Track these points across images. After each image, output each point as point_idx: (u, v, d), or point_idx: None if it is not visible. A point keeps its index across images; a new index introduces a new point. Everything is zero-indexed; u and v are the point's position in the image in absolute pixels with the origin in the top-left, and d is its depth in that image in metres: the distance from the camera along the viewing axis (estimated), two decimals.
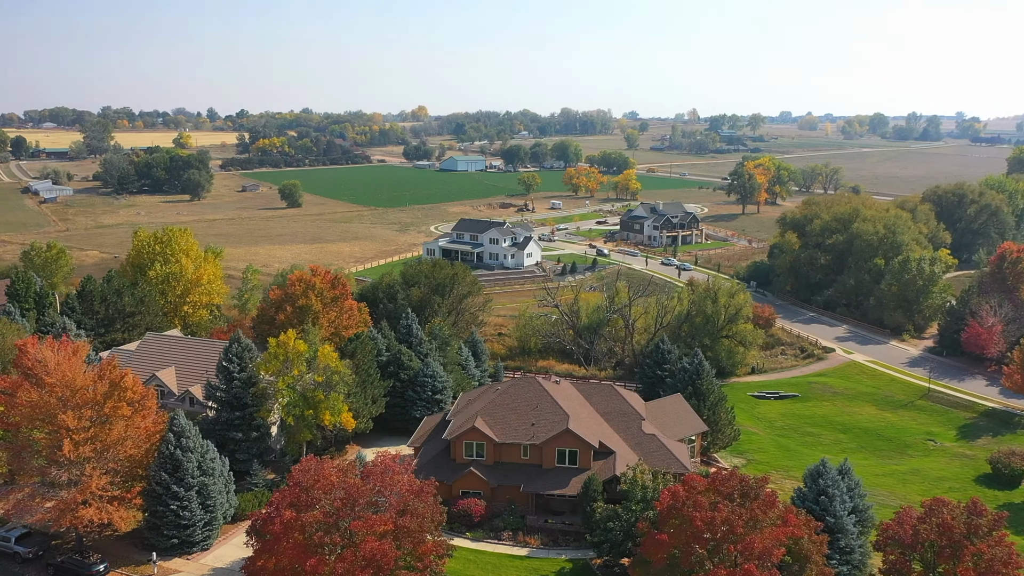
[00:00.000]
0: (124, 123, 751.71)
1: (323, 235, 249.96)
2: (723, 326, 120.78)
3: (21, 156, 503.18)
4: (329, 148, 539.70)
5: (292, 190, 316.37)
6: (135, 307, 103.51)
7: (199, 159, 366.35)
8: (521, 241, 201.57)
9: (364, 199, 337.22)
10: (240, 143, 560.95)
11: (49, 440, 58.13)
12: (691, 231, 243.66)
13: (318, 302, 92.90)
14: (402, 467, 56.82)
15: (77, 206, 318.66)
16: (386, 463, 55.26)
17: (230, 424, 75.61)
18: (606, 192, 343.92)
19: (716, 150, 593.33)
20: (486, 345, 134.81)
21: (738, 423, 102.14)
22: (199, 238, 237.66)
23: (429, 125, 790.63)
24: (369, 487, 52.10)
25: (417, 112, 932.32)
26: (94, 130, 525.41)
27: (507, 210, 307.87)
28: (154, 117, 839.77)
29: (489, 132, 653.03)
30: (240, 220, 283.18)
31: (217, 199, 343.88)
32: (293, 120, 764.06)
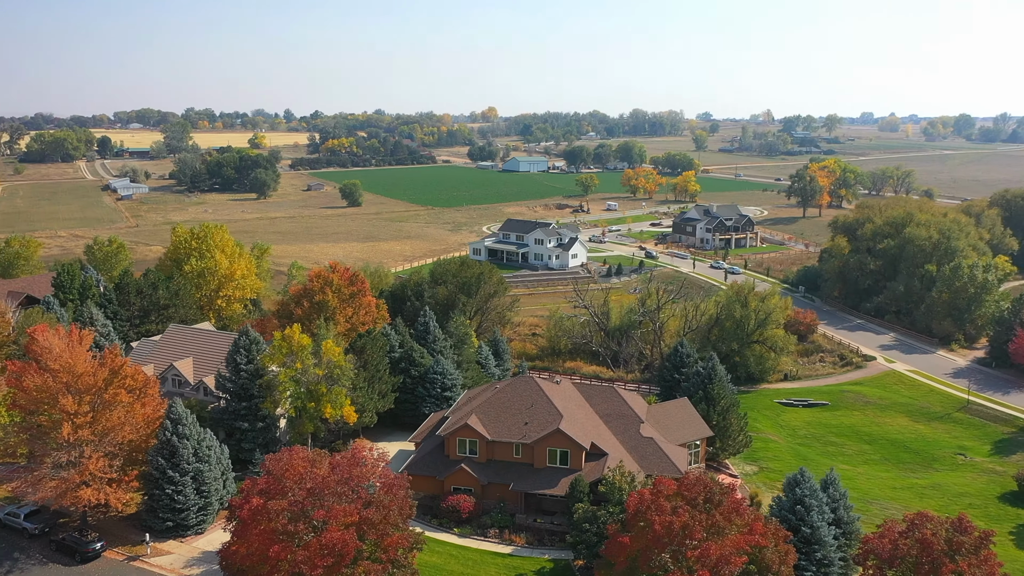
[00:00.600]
0: (204, 124, 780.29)
1: (377, 234, 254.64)
2: (753, 331, 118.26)
3: (106, 155, 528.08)
4: (396, 148, 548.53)
5: (352, 189, 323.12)
6: (169, 300, 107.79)
7: (267, 159, 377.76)
8: (566, 242, 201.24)
9: (423, 199, 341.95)
10: (311, 143, 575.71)
11: (51, 423, 61.30)
12: (745, 234, 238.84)
13: (335, 298, 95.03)
14: (375, 460, 57.82)
15: (151, 203, 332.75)
16: (356, 456, 56.39)
17: (237, 414, 78.20)
18: (665, 194, 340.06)
19: (787, 152, 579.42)
20: (519, 345, 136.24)
21: (758, 430, 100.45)
22: (259, 235, 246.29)
23: (497, 126, 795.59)
24: (335, 478, 53.28)
25: (487, 113, 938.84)
26: (174, 131, 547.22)
27: (563, 211, 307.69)
28: (233, 118, 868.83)
29: (555, 133, 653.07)
30: (300, 218, 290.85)
31: (282, 197, 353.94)
32: (364, 121, 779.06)
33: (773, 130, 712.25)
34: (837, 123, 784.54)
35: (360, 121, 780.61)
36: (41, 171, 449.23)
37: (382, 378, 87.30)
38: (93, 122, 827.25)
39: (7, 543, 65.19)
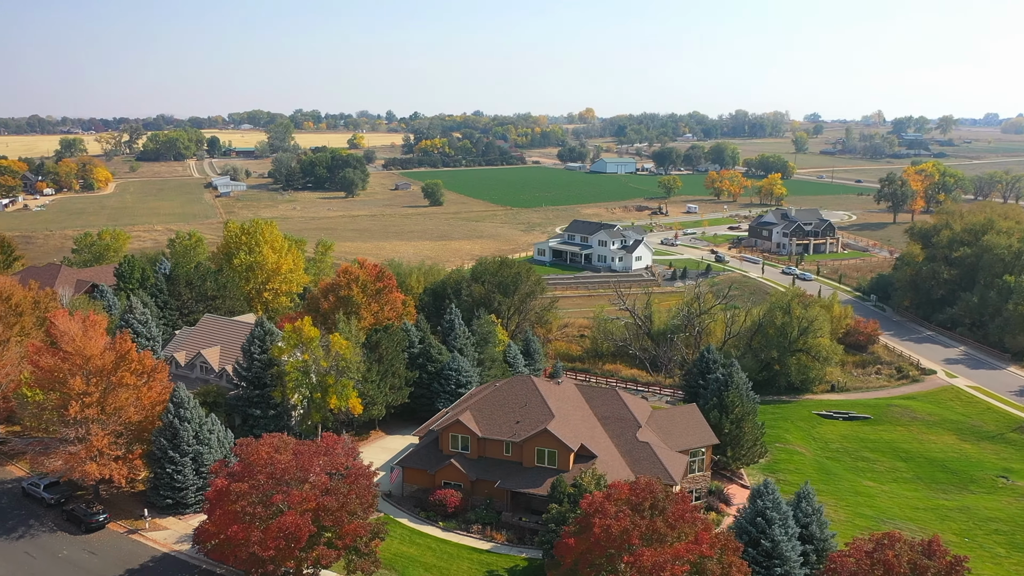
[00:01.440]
0: (309, 125, 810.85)
1: (450, 232, 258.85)
2: (795, 339, 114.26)
3: (214, 154, 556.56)
4: (488, 149, 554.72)
5: (434, 189, 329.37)
6: (217, 291, 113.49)
7: (356, 159, 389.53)
8: (631, 244, 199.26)
9: (504, 199, 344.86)
10: (405, 144, 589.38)
11: (61, 401, 66.09)
12: (825, 240, 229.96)
13: (360, 293, 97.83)
14: (345, 450, 59.64)
15: (246, 200, 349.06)
16: (320, 445, 58.33)
17: (250, 401, 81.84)
18: (749, 197, 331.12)
19: (893, 155, 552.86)
20: (564, 345, 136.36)
21: (786, 441, 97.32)
22: (338, 232, 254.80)
23: (592, 127, 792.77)
24: (295, 465, 55.35)
25: (584, 114, 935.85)
26: (276, 131, 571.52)
27: (642, 213, 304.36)
28: (337, 120, 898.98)
29: (649, 135, 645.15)
30: (382, 216, 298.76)
31: (370, 196, 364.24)
32: (462, 122, 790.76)
33: (882, 132, 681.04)
34: (953, 124, 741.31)
35: (457, 122, 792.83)
36: (154, 169, 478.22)
37: (396, 372, 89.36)
38: (208, 123, 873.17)
39: (27, 510, 70.67)
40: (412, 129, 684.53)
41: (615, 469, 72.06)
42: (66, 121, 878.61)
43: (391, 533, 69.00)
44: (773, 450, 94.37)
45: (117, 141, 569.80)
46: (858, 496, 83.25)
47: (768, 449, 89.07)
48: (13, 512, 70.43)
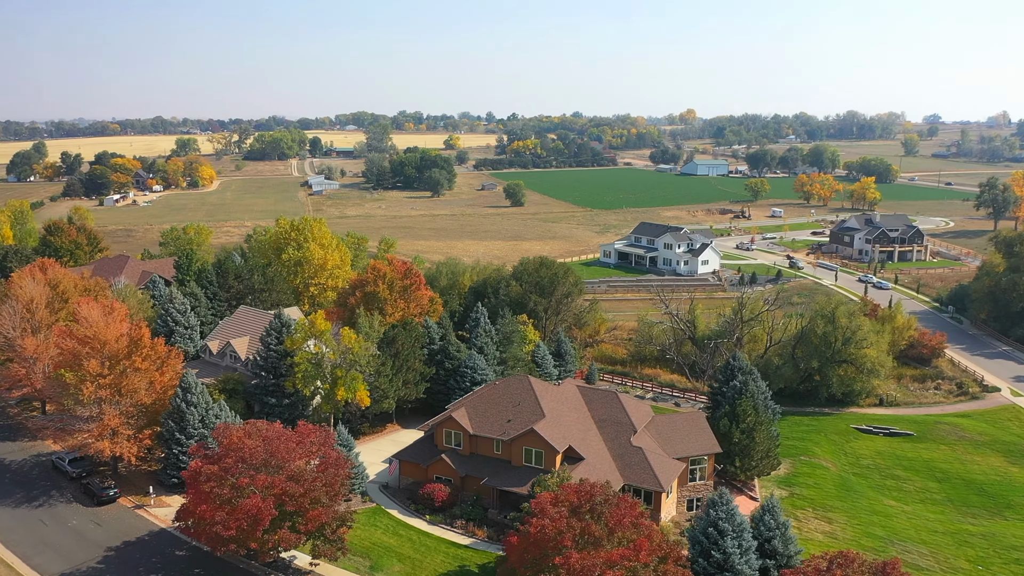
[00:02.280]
0: (410, 126, 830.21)
1: (524, 233, 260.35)
2: (839, 349, 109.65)
3: (316, 154, 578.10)
4: (580, 150, 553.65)
5: (516, 189, 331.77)
6: (263, 284, 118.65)
7: (444, 159, 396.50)
8: (697, 247, 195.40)
9: (586, 200, 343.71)
10: (499, 144, 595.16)
11: (78, 381, 71.18)
12: (911, 247, 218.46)
13: (386, 290, 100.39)
14: (320, 440, 61.78)
15: (336, 199, 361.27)
16: (290, 433, 60.63)
17: (266, 389, 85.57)
18: (841, 201, 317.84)
19: (1012, 158, 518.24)
20: (610, 348, 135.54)
21: (813, 454, 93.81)
22: (415, 230, 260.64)
23: (690, 129, 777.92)
24: (262, 450, 57.84)
25: (685, 115, 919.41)
26: (375, 132, 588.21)
27: (724, 216, 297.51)
28: (437, 121, 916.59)
29: (748, 137, 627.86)
30: (461, 216, 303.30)
31: (455, 196, 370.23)
32: (558, 123, 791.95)
33: (1004, 134, 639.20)
34: None
35: (554, 123, 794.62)
36: (257, 168, 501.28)
37: (411, 368, 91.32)
38: (316, 124, 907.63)
39: (53, 482, 76.43)
40: (508, 130, 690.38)
41: (603, 472, 71.54)
42: (186, 122, 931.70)
43: (376, 523, 71.31)
44: (796, 463, 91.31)
45: (228, 141, 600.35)
46: (874, 515, 79.42)
47: (781, 461, 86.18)
48: (40, 482, 76.30)
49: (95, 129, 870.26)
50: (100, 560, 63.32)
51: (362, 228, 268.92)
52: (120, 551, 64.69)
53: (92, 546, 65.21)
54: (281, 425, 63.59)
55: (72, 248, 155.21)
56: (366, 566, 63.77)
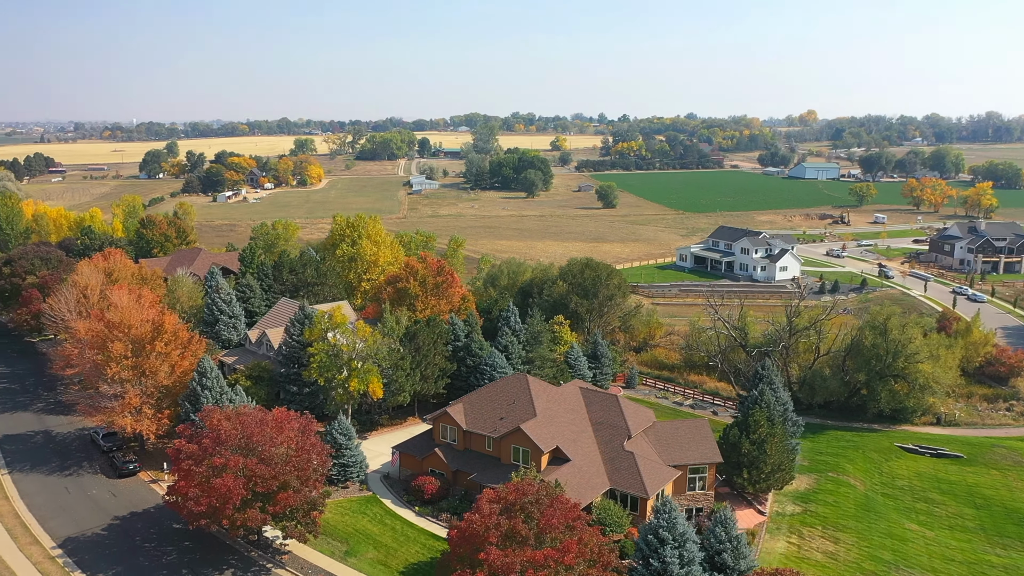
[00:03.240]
0: (520, 127, 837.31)
1: (607, 235, 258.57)
2: (889, 364, 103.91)
3: (424, 155, 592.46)
4: (686, 152, 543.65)
5: (607, 191, 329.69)
6: (316, 279, 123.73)
7: (541, 160, 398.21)
8: (775, 253, 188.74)
9: (680, 203, 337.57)
10: (604, 146, 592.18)
11: (104, 362, 77.01)
12: (1020, 257, 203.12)
13: (417, 286, 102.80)
14: (300, 427, 64.49)
15: (433, 198, 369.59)
16: (267, 418, 63.53)
17: (288, 378, 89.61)
18: (954, 207, 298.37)
19: None
20: (663, 352, 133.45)
21: (843, 471, 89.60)
22: (500, 230, 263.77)
23: (808, 131, 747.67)
24: (236, 433, 60.99)
25: (805, 117, 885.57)
26: (481, 133, 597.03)
27: (822, 222, 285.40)
28: (548, 122, 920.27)
29: (869, 139, 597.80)
30: (548, 217, 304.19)
31: (550, 197, 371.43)
32: (669, 124, 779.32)
33: None
34: None
35: (665, 125, 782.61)
36: (367, 167, 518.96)
37: (431, 363, 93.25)
38: (430, 125, 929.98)
39: (86, 454, 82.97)
40: (614, 131, 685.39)
41: (590, 475, 71.20)
42: (309, 123, 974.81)
43: (366, 511, 73.51)
44: (822, 479, 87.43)
45: (342, 142, 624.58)
46: (888, 538, 75.10)
47: (795, 475, 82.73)
48: (76, 454, 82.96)
49: (226, 130, 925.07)
50: (105, 528, 68.41)
51: (450, 227, 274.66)
52: (125, 521, 69.64)
53: (102, 514, 70.52)
54: (292, 412, 66.86)
55: (162, 240, 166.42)
56: (342, 551, 66.02)
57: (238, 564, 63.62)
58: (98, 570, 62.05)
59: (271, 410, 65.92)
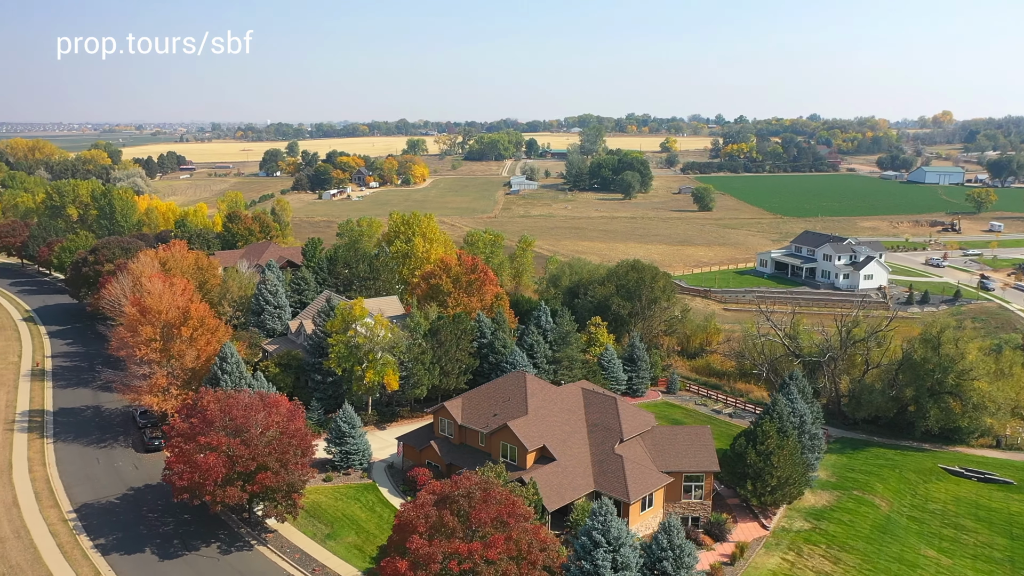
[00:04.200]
0: (632, 128, 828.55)
1: (693, 238, 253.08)
2: (940, 380, 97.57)
3: (531, 155, 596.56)
4: (800, 154, 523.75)
5: (703, 194, 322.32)
6: (369, 273, 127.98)
7: (640, 161, 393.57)
8: (860, 260, 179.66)
9: (781, 207, 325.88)
10: (713, 147, 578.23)
11: (135, 343, 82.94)
12: None
13: (450, 283, 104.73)
14: (285, 411, 67.51)
15: (529, 198, 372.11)
16: (265, 402, 66.80)
17: (312, 367, 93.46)
18: None
19: None
20: (717, 360, 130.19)
21: (870, 490, 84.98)
22: (586, 231, 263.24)
23: (939, 132, 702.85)
24: (220, 414, 64.54)
25: (939, 118, 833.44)
26: (589, 134, 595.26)
27: (932, 228, 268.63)
28: (662, 123, 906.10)
29: (1004, 142, 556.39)
30: (638, 219, 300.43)
31: (646, 199, 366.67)
32: (789, 126, 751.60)
33: None
34: None
35: (784, 126, 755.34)
36: (472, 168, 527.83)
37: (452, 359, 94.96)
38: (543, 127, 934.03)
39: (125, 429, 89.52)
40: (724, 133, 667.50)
41: (575, 475, 70.94)
42: (426, 124, 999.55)
43: (360, 498, 75.94)
44: (844, 496, 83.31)
45: (452, 142, 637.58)
46: (896, 563, 70.79)
47: (804, 491, 79.27)
48: (115, 429, 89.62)
49: (348, 131, 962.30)
50: (119, 497, 73.84)
51: (537, 227, 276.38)
52: (138, 492, 74.87)
53: (120, 485, 76.10)
54: (282, 398, 70.34)
55: (245, 234, 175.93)
56: (324, 533, 68.60)
57: (225, 538, 67.29)
58: (100, 535, 67.15)
59: (294, 397, 69.39)
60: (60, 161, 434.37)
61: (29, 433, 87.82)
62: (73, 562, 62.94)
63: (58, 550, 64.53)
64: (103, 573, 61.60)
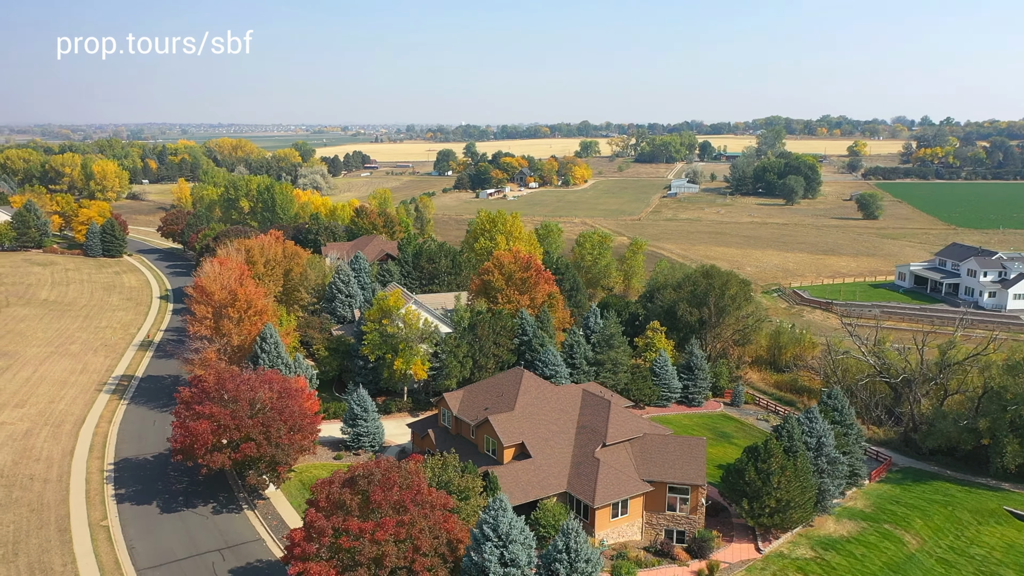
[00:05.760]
0: (822, 131, 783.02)
1: (841, 247, 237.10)
2: (1019, 412, 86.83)
3: (704, 158, 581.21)
4: (1005, 160, 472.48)
5: (868, 201, 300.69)
6: (450, 268, 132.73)
7: (808, 165, 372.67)
8: (1011, 278, 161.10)
9: (960, 218, 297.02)
10: (905, 152, 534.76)
11: (193, 321, 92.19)
12: None
13: (502, 280, 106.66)
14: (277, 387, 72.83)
15: (685, 202, 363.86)
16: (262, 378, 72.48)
17: (355, 352, 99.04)
18: None
19: None
20: (807, 376, 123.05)
21: (904, 525, 77.33)
22: (726, 236, 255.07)
23: None
24: (215, 387, 70.79)
25: None
26: (767, 136, 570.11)
27: None
28: (856, 125, 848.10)
29: None
30: (789, 226, 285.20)
31: (811, 205, 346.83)
32: (1004, 128, 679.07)
33: None
34: None
35: (998, 128, 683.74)
36: (640, 170, 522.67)
37: (487, 353, 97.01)
38: (728, 129, 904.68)
39: None
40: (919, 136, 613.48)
41: (550, 474, 70.91)
42: (608, 126, 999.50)
43: None
44: (871, 528, 76.77)
45: (625, 144, 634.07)
46: None
47: (806, 519, 73.67)
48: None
49: (530, 132, 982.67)
50: (154, 456, 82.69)
51: (678, 230, 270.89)
52: (167, 453, 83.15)
53: (160, 444, 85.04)
54: (278, 375, 76.05)
55: (369, 228, 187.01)
56: None
57: (223, 500, 73.71)
58: (123, 486, 75.88)
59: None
60: (258, 159, 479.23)
61: (112, 395, 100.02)
62: (91, 506, 71.76)
63: (84, 494, 73.73)
64: (109, 517, 69.82)
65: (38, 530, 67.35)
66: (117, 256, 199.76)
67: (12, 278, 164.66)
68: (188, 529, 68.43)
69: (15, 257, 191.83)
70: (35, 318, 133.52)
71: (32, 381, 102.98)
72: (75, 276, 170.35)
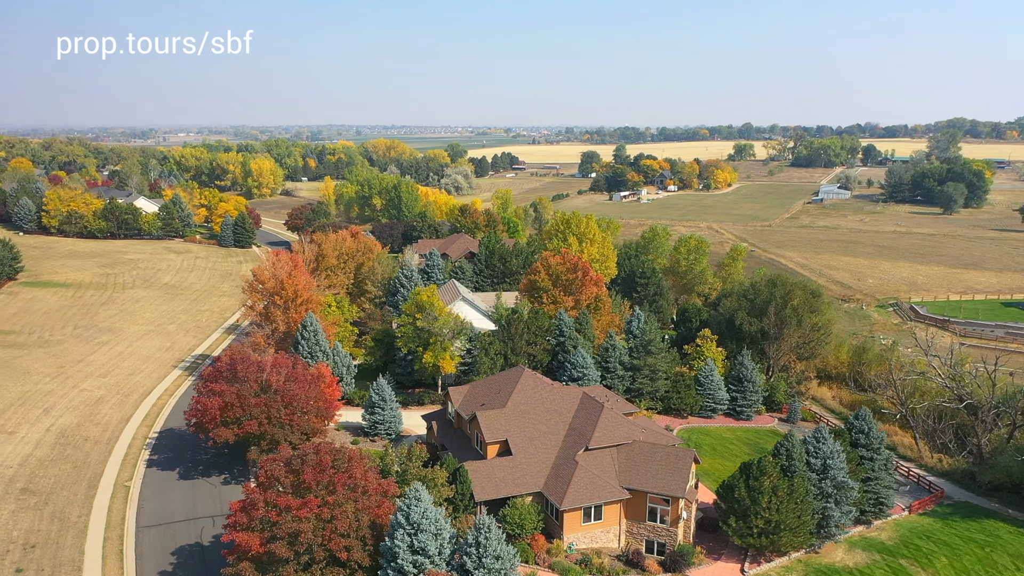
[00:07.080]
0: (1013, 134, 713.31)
1: (986, 262, 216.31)
2: None
3: (868, 163, 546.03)
4: None
5: None
6: (520, 267, 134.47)
7: (975, 172, 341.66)
8: None
9: None
10: None
11: (245, 307, 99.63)
12: None
13: (548, 281, 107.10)
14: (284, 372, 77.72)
15: (830, 209, 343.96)
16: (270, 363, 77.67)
17: (394, 345, 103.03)
18: None
19: None
20: (881, 396, 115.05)
21: (924, 563, 71.05)
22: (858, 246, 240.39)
23: None
24: (227, 368, 76.57)
25: None
26: (939, 140, 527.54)
27: None
28: None
29: None
30: (936, 237, 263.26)
31: (972, 215, 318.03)
32: None
33: None
34: None
35: None
36: (791, 174, 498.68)
37: (519, 351, 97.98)
38: (905, 131, 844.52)
39: None
40: None
41: (528, 473, 71.29)
42: (772, 128, 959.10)
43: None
44: (885, 562, 71.22)
45: (782, 147, 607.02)
46: None
47: (799, 546, 69.19)
48: None
49: (688, 134, 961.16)
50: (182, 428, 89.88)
51: (808, 238, 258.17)
52: None
53: None
54: (287, 359, 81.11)
55: (471, 226, 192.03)
56: None
57: (236, 473, 79.56)
58: (158, 452, 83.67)
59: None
60: (409, 159, 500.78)
61: (183, 371, 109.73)
62: (124, 467, 79.81)
63: (122, 458, 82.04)
64: (135, 478, 77.45)
65: (72, 484, 75.81)
66: (246, 247, 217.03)
67: (147, 263, 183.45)
68: (195, 495, 74.60)
69: (157, 245, 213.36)
70: (149, 300, 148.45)
71: (123, 355, 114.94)
72: (201, 264, 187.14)
